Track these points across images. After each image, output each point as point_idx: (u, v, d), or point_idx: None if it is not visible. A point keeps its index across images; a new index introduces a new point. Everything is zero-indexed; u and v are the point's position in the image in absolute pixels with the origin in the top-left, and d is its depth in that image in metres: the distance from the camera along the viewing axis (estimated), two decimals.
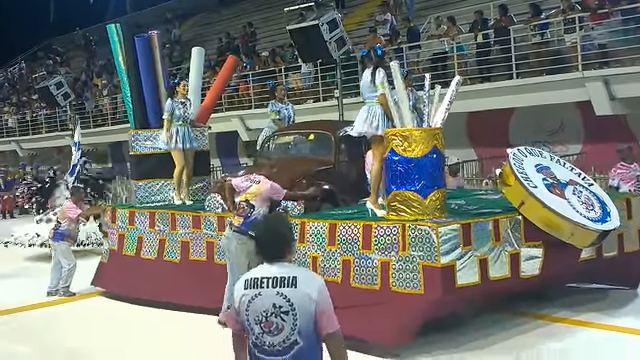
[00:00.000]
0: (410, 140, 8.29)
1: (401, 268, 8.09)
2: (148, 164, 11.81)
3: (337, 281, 8.61)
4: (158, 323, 10.24)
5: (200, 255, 10.52)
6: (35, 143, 36.50)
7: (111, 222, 11.96)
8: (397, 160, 8.36)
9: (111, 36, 12.33)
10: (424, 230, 7.93)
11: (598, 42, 17.30)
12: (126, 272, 11.39)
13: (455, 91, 8.81)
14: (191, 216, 10.66)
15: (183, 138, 11.41)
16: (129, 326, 10.26)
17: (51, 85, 24.93)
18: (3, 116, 39.56)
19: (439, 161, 8.47)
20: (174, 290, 10.55)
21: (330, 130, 10.68)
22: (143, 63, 11.85)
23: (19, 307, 11.64)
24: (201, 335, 9.30)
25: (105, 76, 35.26)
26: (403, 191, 8.35)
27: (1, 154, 39.62)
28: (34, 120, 36.50)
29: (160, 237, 11.11)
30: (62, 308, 11.66)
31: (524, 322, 9.01)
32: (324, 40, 14.34)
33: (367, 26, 24.80)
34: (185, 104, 11.52)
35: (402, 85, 8.54)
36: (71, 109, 27.74)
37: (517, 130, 19.27)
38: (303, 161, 10.40)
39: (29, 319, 11.06)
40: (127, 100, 12.25)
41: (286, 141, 11.30)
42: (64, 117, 32.06)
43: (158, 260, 11.04)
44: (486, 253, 8.18)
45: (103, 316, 10.95)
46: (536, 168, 8.73)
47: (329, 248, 8.80)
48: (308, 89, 23.40)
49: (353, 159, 10.55)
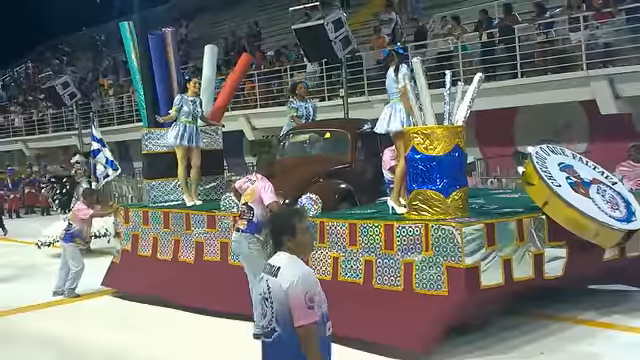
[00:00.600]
0: (432, 138, 8.01)
1: (425, 269, 7.80)
2: (161, 163, 11.48)
3: (359, 282, 8.36)
4: (169, 323, 10.03)
5: (214, 255, 10.20)
6: (42, 143, 36.16)
7: (124, 222, 11.62)
8: (418, 158, 8.07)
9: (124, 33, 11.99)
10: (448, 230, 7.64)
11: (603, 41, 17.00)
12: (141, 273, 11.08)
13: (477, 88, 8.48)
14: (206, 216, 10.34)
15: (189, 136, 11.05)
16: (141, 326, 10.04)
17: (57, 85, 24.56)
18: (10, 116, 39.28)
19: (461, 159, 8.18)
20: (189, 291, 10.26)
21: (347, 128, 10.37)
22: (157, 61, 11.53)
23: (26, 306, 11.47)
24: (211, 336, 9.16)
25: (111, 76, 34.95)
26: (425, 190, 8.06)
27: (8, 154, 39.21)
28: (40, 120, 36.17)
29: (175, 237, 10.79)
30: (69, 308, 11.44)
31: (547, 324, 8.67)
32: (329, 39, 14.09)
33: (372, 25, 24.52)
34: (195, 102, 11.17)
35: (424, 82, 8.23)
36: (77, 109, 27.36)
37: (522, 129, 18.99)
38: (319, 160, 10.08)
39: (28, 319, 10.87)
40: (140, 99, 11.92)
41: (302, 139, 10.94)
42: (70, 117, 31.75)
43: (174, 261, 10.72)
44: (510, 253, 7.89)
45: (114, 315, 10.73)
46: (559, 167, 8.44)
47: (350, 248, 8.50)
48: (313, 88, 23.01)
49: (370, 158, 10.25)
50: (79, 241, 11.97)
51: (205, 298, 9.91)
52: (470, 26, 20.39)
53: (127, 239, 11.58)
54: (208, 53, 11.95)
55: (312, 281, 4.46)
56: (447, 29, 20.53)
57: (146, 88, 11.67)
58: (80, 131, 26.90)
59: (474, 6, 21.95)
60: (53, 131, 34.86)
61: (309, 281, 4.41)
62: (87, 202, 12.14)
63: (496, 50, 19.22)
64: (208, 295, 9.89)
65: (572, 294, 9.42)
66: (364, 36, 24.09)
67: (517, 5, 20.42)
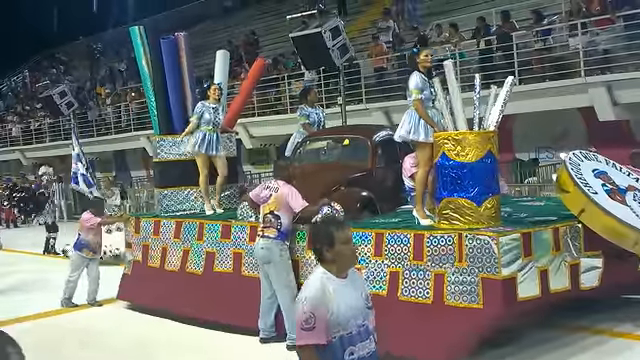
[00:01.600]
0: (464, 144, 7.42)
1: (457, 281, 7.19)
2: (173, 171, 10.77)
3: (382, 294, 7.71)
4: (176, 339, 9.45)
5: (226, 267, 9.50)
6: (39, 152, 35.22)
7: (135, 232, 10.92)
8: (449, 165, 7.48)
9: (134, 38, 11.28)
10: (483, 240, 7.03)
11: (602, 48, 16.56)
12: (150, 284, 10.41)
13: (509, 91, 7.88)
14: (221, 225, 9.65)
15: (211, 143, 10.40)
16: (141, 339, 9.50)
17: (55, 94, 24.01)
18: (7, 125, 38.33)
19: (494, 166, 7.60)
20: (196, 304, 9.61)
21: (366, 135, 9.69)
22: (169, 66, 10.80)
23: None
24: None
25: (108, 85, 34.18)
26: (456, 198, 7.46)
27: (5, 163, 38.31)
28: (38, 129, 35.26)
29: (184, 247, 10.10)
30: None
31: (584, 337, 8.07)
32: (327, 47, 13.61)
33: (370, 33, 23.97)
34: (217, 109, 10.53)
35: (456, 84, 7.63)
36: (74, 118, 26.68)
37: (521, 136, 18.51)
38: (339, 167, 9.37)
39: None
40: (151, 106, 11.22)
41: (319, 146, 10.26)
42: (68, 126, 30.96)
43: (180, 272, 10.04)
44: (546, 264, 7.32)
45: (115, 328, 10.19)
46: (594, 173, 7.87)
47: (375, 259, 7.86)
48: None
49: (390, 165, 9.61)
50: (87, 251, 11.34)
51: (215, 311, 9.29)
52: (468, 33, 19.88)
53: (138, 249, 10.88)
54: (220, 58, 11.23)
55: (320, 301, 4.04)
56: (444, 37, 19.97)
57: (158, 94, 10.93)
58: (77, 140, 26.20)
59: (472, 13, 21.53)
60: (50, 140, 33.98)
61: (316, 302, 4.02)
62: (94, 211, 11.47)
63: (494, 57, 18.70)
64: (218, 308, 9.26)
65: (607, 304, 8.78)
66: (362, 44, 23.57)
67: (515, 12, 20.02)
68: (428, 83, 8.03)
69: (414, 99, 7.96)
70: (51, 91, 24.56)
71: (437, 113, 8.01)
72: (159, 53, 10.86)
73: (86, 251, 11.34)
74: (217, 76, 11.31)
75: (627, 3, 16.59)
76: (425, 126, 7.89)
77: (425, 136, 7.88)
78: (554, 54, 17.65)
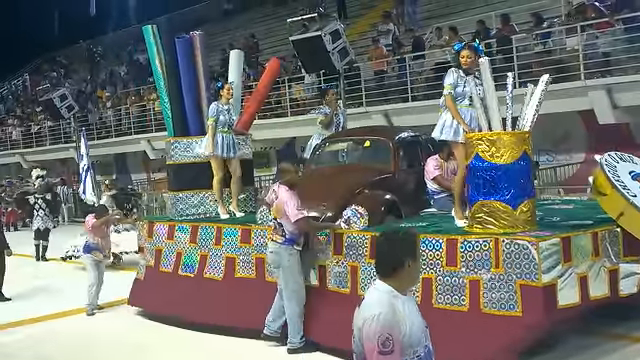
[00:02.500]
0: (498, 145, 6.95)
1: (494, 287, 6.69)
2: (188, 174, 10.12)
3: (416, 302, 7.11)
4: (183, 343, 9.00)
5: (249, 272, 8.93)
6: (39, 155, 34.38)
7: (147, 236, 10.31)
8: (483, 167, 6.99)
9: (147, 37, 10.66)
10: (522, 245, 6.54)
11: (602, 50, 16.14)
12: (163, 290, 9.83)
13: (545, 90, 7.38)
14: (240, 229, 9.07)
15: (228, 146, 9.83)
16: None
17: (55, 97, 23.57)
18: (7, 128, 37.53)
19: (529, 168, 7.14)
20: (215, 310, 9.05)
21: (387, 136, 9.14)
22: (184, 66, 10.20)
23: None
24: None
25: (109, 88, 33.53)
26: (490, 201, 6.98)
27: (5, 166, 37.48)
28: (38, 132, 34.50)
29: (202, 252, 9.50)
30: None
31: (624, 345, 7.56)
32: (327, 51, 13.19)
33: (370, 36, 23.47)
34: (230, 110, 9.95)
35: (492, 83, 7.12)
36: (75, 121, 26.09)
37: None
38: (360, 169, 8.78)
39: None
40: (164, 107, 10.61)
41: (339, 148, 9.68)
42: (68, 129, 30.39)
43: (197, 277, 9.45)
44: (586, 270, 6.85)
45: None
46: (631, 175, 7.38)
47: None
48: (311, 99, 21.97)
49: (412, 167, 9.09)
50: (97, 254, 10.80)
51: (236, 317, 8.74)
52: (468, 36, 19.36)
53: (151, 254, 10.29)
54: (234, 58, 10.61)
55: (393, 320, 3.50)
56: (444, 40, 19.50)
57: (172, 95, 10.34)
58: (78, 143, 25.62)
59: (472, 17, 21.08)
60: (51, 144, 33.34)
61: (388, 320, 3.47)
62: (97, 215, 10.89)
63: (494, 60, 18.21)
64: (240, 314, 8.71)
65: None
66: (362, 47, 23.09)
67: (514, 15, 19.54)
68: (466, 80, 7.46)
69: (444, 94, 7.59)
70: (52, 94, 24.11)
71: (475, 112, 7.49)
72: (174, 53, 10.26)
73: (97, 253, 10.80)
74: (231, 76, 10.68)
75: (627, 6, 16.20)
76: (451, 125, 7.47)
77: (454, 135, 7.51)
78: (554, 57, 17.21)
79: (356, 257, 7.73)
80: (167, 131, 10.80)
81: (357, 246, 7.73)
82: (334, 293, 7.92)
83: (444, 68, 18.77)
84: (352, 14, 27.92)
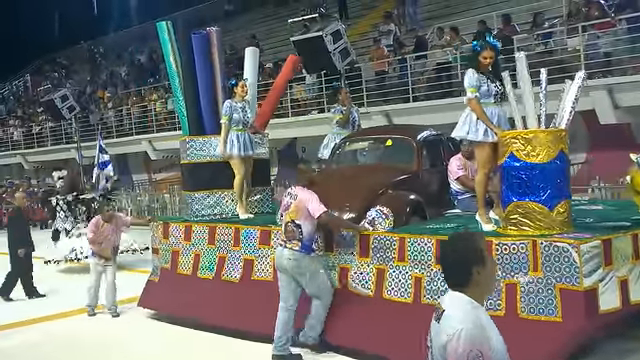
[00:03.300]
0: (534, 143, 6.48)
1: (532, 292, 6.24)
2: (204, 174, 9.61)
3: None
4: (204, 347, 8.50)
5: (265, 275, 8.44)
6: (40, 156, 33.76)
7: (163, 238, 9.79)
8: (518, 166, 6.54)
9: (161, 34, 10.13)
10: (562, 248, 6.09)
11: (603, 50, 15.75)
12: (181, 293, 9.32)
13: (581, 87, 6.93)
14: (259, 231, 8.58)
15: (244, 145, 9.33)
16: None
17: (56, 98, 22.62)
18: (9, 129, 36.77)
19: (566, 167, 6.67)
20: (232, 314, 8.57)
21: (410, 135, 8.64)
22: (200, 63, 9.68)
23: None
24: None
25: (110, 88, 32.93)
26: (526, 202, 6.52)
27: (7, 167, 36.72)
28: (39, 133, 33.79)
29: (220, 254, 9.01)
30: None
31: None
32: (328, 51, 12.53)
33: (371, 37, 23.08)
34: (244, 108, 9.44)
35: (528, 79, 6.66)
36: (76, 122, 25.48)
37: None
38: (382, 169, 8.26)
39: None
40: (179, 105, 10.08)
41: (359, 147, 9.18)
42: (69, 130, 29.78)
43: (215, 280, 8.95)
44: (626, 273, 6.44)
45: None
46: None
47: (437, 268, 6.87)
48: (312, 100, 21.52)
49: (435, 167, 8.62)
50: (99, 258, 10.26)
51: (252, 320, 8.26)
52: (469, 37, 18.95)
53: (166, 256, 9.77)
54: (249, 56, 10.08)
55: (482, 335, 3.08)
56: (445, 40, 19.06)
57: (187, 92, 9.82)
58: (79, 144, 25.01)
59: (473, 17, 20.66)
60: (52, 144, 32.63)
61: (477, 335, 3.06)
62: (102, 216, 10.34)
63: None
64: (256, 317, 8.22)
65: None
66: (363, 47, 22.61)
67: (516, 16, 19.15)
68: (487, 79, 7.01)
69: (468, 98, 7.05)
70: (53, 95, 23.23)
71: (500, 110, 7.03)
72: (189, 49, 9.75)
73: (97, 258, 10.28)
74: (247, 73, 10.16)
75: (628, 6, 15.90)
76: (483, 124, 6.93)
77: (483, 135, 6.92)
78: (555, 57, 16.80)
79: (383, 260, 7.27)
80: (182, 130, 10.27)
81: (384, 248, 7.28)
82: (355, 295, 7.46)
83: (445, 68, 18.70)
84: (353, 14, 27.43)
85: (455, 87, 18.09)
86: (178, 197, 23.46)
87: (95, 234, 10.15)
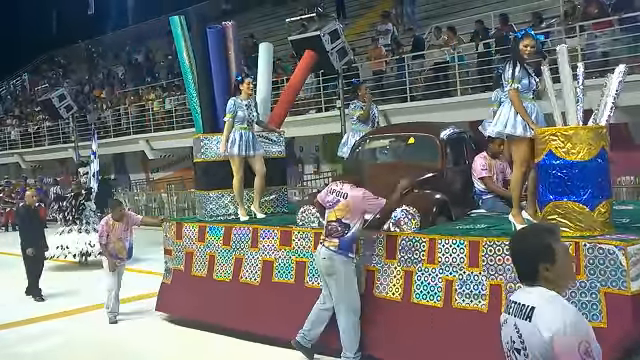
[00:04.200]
0: (574, 140, 5.99)
1: (574, 295, 5.73)
2: (219, 172, 9.04)
3: (482, 310, 6.28)
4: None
5: (287, 277, 7.90)
6: (38, 155, 33.03)
7: (176, 238, 9.23)
8: (557, 165, 6.03)
9: (174, 28, 9.56)
10: (607, 250, 5.61)
11: (601, 50, 15.36)
12: (195, 295, 8.79)
13: (622, 81, 6.47)
14: (279, 231, 8.03)
15: (246, 144, 8.79)
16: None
17: (54, 97, 22.25)
18: (6, 128, 35.90)
19: (607, 165, 6.15)
20: (251, 317, 8.07)
21: (433, 132, 8.11)
22: (215, 58, 9.13)
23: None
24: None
25: (107, 88, 32.25)
26: (565, 202, 6.02)
27: (4, 166, 35.76)
28: (37, 132, 33.02)
29: (237, 255, 8.45)
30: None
31: None
32: (326, 51, 12.32)
33: (369, 36, 22.54)
34: (250, 105, 8.90)
35: (569, 73, 6.18)
36: (74, 121, 24.90)
37: None
38: (405, 167, 7.71)
39: None
40: (192, 101, 9.50)
41: (380, 145, 8.64)
42: (67, 129, 29.09)
43: (233, 282, 8.40)
44: None
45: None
46: None
47: (470, 270, 6.39)
48: (310, 99, 21.00)
49: (458, 165, 8.12)
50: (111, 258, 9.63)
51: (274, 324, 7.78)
52: (466, 36, 18.55)
53: (180, 257, 9.21)
54: (264, 51, 9.52)
55: (585, 326, 2.88)
56: (442, 40, 18.62)
57: (202, 89, 9.25)
58: (77, 144, 24.58)
59: (470, 16, 20.19)
60: (49, 144, 31.89)
61: (581, 326, 2.85)
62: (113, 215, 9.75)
63: (493, 60, 17.40)
64: (277, 321, 7.75)
65: None
66: (361, 47, 22.11)
67: (513, 15, 18.75)
68: (528, 72, 6.52)
69: (509, 88, 6.55)
70: (50, 94, 22.83)
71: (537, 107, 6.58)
72: (204, 44, 9.18)
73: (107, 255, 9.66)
74: (261, 70, 9.59)
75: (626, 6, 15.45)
76: (522, 120, 6.45)
77: (523, 130, 6.43)
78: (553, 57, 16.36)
79: (412, 262, 6.77)
80: (195, 127, 9.71)
81: (413, 250, 6.77)
82: (383, 300, 6.95)
83: (442, 68, 18.25)
84: (351, 14, 26.88)
85: (452, 87, 17.74)
86: (175, 196, 23.08)
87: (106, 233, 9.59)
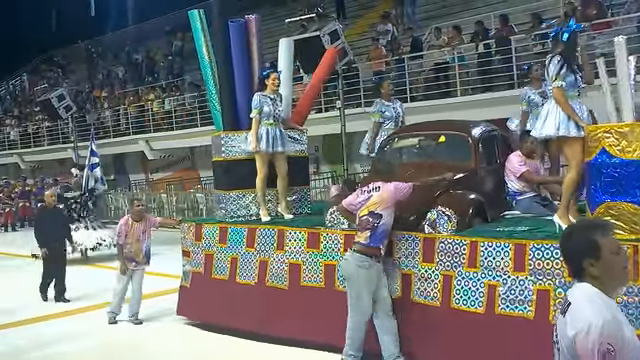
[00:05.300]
0: (630, 138, 5.48)
1: (631, 303, 5.23)
2: (240, 172, 8.44)
3: (529, 317, 5.76)
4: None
5: (316, 281, 7.34)
6: (37, 156, 32.26)
7: (195, 240, 8.64)
8: (611, 163, 5.54)
9: (193, 23, 8.92)
10: None
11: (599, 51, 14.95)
12: (216, 299, 8.22)
13: None
14: (307, 233, 7.48)
15: (273, 140, 8.20)
16: None
17: (53, 98, 21.66)
18: (5, 129, 35.08)
19: None
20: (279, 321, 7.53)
21: (464, 130, 7.55)
22: (237, 53, 8.53)
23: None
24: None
25: (107, 88, 31.57)
26: (619, 202, 5.51)
27: (3, 167, 34.95)
28: (36, 132, 32.26)
29: (261, 258, 7.88)
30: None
31: None
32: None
33: (369, 37, 22.01)
34: (275, 100, 8.32)
35: (626, 68, 5.69)
36: (73, 122, 24.26)
37: None
38: (437, 167, 7.15)
39: None
40: (212, 98, 8.87)
41: (409, 144, 8.07)
42: (66, 129, 28.42)
43: (259, 285, 7.84)
44: None
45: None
46: None
47: (515, 275, 5.86)
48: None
49: (491, 164, 7.59)
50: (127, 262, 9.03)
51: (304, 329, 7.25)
52: (467, 37, 18.11)
53: (199, 259, 8.62)
54: (284, 47, 8.92)
55: (614, 328, 2.73)
56: (442, 40, 18.17)
57: (222, 85, 8.65)
58: (76, 144, 24.00)
59: (470, 17, 19.74)
60: (49, 144, 31.15)
61: (609, 329, 2.71)
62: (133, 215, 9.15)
63: (493, 61, 16.98)
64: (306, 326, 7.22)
65: None
66: (360, 47, 21.61)
67: (513, 16, 18.23)
68: (573, 69, 6.02)
69: (554, 87, 6.05)
70: (49, 94, 22.24)
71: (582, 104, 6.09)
72: (226, 38, 8.58)
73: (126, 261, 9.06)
74: (281, 66, 9.03)
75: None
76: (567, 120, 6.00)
77: (577, 130, 5.92)
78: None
79: (451, 265, 6.24)
80: (214, 124, 9.10)
81: (452, 253, 6.25)
82: (420, 305, 6.42)
83: (443, 69, 17.78)
84: (351, 14, 26.30)
85: (452, 87, 17.31)
86: (175, 197, 22.55)
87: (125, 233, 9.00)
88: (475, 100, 16.30)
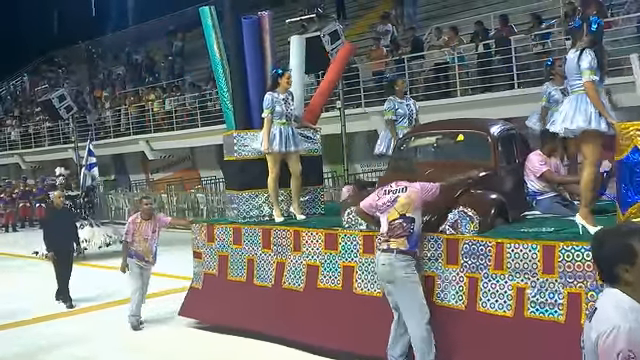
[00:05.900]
0: None
1: None
2: (253, 171, 8.15)
3: (559, 321, 5.47)
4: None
5: (333, 283, 7.04)
6: (38, 156, 31.91)
7: (207, 241, 8.33)
8: None
9: (204, 20, 8.62)
10: None
11: None
12: (232, 301, 7.91)
13: None
14: (324, 234, 7.18)
15: (285, 140, 7.92)
16: None
17: (54, 98, 21.20)
18: (6, 129, 34.71)
19: None
20: (294, 324, 7.24)
21: (483, 129, 7.27)
22: (250, 50, 8.25)
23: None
24: None
25: (107, 88, 31.26)
26: None
27: (4, 167, 34.59)
28: (37, 133, 31.92)
29: (278, 259, 7.59)
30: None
31: None
32: (326, 51, 11.84)
33: (369, 37, 21.79)
34: (287, 99, 8.03)
35: None
36: (73, 122, 23.95)
37: None
38: (456, 166, 6.86)
39: None
40: (223, 96, 8.58)
41: (427, 143, 7.77)
42: (67, 130, 28.11)
43: (275, 287, 7.55)
44: None
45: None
46: None
47: (544, 277, 5.58)
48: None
49: (510, 164, 7.31)
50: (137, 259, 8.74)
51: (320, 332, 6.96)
52: (467, 37, 17.92)
53: (212, 261, 8.31)
54: (295, 45, 8.63)
55: (637, 337, 2.61)
56: (442, 40, 17.94)
57: (235, 83, 8.35)
58: (77, 144, 23.59)
59: (470, 17, 19.56)
60: (49, 144, 30.82)
61: (631, 336, 2.61)
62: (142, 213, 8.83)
63: (492, 61, 16.78)
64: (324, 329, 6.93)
65: None
66: (361, 48, 21.26)
67: (513, 16, 18.03)
68: (601, 64, 5.76)
69: (587, 80, 5.69)
70: (50, 95, 21.80)
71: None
72: (239, 36, 8.28)
73: (135, 258, 8.76)
74: (293, 64, 8.73)
75: None
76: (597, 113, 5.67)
77: (607, 126, 5.64)
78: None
79: (476, 268, 5.96)
80: (226, 123, 8.81)
81: (477, 255, 5.96)
82: (444, 308, 6.13)
83: (443, 69, 17.56)
84: (351, 15, 26.07)
85: (452, 87, 17.10)
86: (175, 197, 22.30)
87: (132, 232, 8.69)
88: (475, 100, 16.13)
